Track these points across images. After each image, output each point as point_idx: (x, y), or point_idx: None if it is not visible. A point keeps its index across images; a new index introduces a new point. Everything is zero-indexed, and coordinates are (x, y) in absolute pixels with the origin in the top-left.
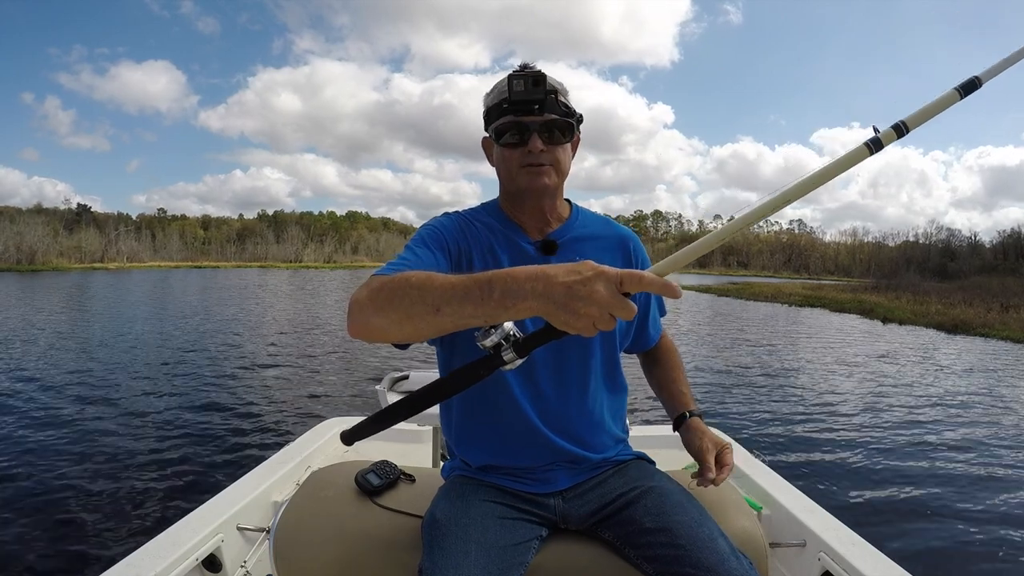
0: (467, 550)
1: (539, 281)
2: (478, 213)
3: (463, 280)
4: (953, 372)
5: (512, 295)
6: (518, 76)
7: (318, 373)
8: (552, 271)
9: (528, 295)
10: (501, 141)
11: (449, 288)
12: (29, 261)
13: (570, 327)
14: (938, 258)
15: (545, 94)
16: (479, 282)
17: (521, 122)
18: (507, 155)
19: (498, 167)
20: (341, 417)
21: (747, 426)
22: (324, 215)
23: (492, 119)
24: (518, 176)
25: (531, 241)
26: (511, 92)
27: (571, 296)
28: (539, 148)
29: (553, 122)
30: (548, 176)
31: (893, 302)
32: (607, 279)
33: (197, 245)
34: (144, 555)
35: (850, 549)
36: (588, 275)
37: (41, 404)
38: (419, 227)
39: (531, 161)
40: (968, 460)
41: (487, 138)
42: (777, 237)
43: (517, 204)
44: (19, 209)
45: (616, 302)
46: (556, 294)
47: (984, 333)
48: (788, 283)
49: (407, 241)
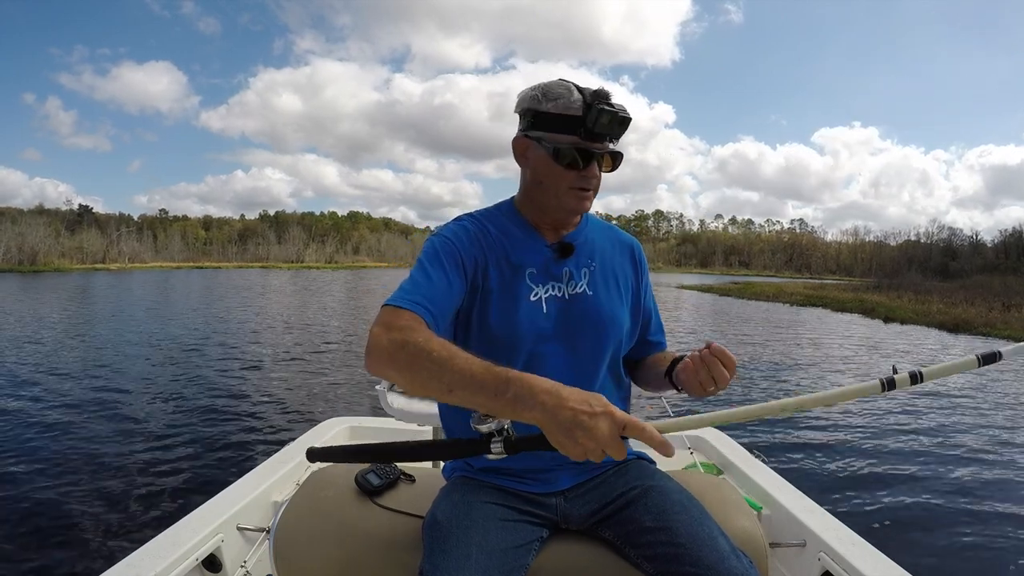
0: (468, 552)
1: (551, 398)
2: (493, 216)
3: (481, 372)
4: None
5: (523, 403)
6: (607, 110)
7: (319, 373)
8: (566, 393)
9: (537, 407)
10: (559, 159)
11: (467, 375)
12: (31, 262)
13: (563, 448)
14: (940, 257)
15: (623, 131)
16: (497, 378)
17: (589, 148)
18: (560, 173)
19: (541, 177)
20: (341, 417)
21: (747, 426)
22: (325, 215)
23: (547, 128)
24: (566, 196)
25: (548, 244)
26: (596, 123)
27: (575, 424)
28: (596, 175)
29: (615, 154)
30: (590, 200)
31: (895, 301)
32: (612, 420)
33: (199, 246)
34: (144, 555)
35: (850, 549)
36: (597, 410)
37: (41, 404)
38: (433, 233)
39: (583, 185)
40: (969, 460)
41: (524, 139)
42: (779, 237)
43: (545, 213)
44: (21, 210)
45: (613, 443)
46: (563, 417)
47: (986, 332)
48: (790, 283)
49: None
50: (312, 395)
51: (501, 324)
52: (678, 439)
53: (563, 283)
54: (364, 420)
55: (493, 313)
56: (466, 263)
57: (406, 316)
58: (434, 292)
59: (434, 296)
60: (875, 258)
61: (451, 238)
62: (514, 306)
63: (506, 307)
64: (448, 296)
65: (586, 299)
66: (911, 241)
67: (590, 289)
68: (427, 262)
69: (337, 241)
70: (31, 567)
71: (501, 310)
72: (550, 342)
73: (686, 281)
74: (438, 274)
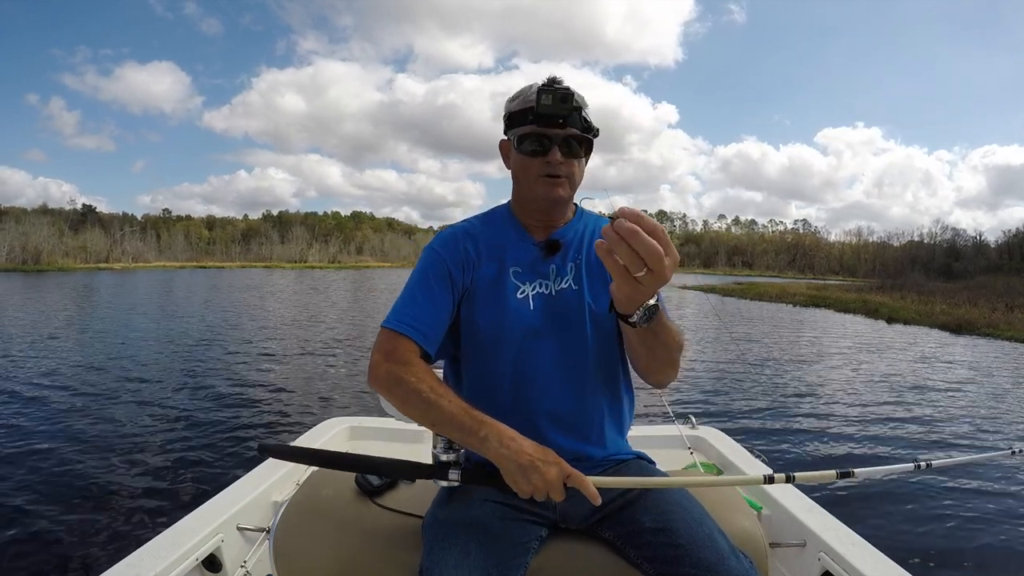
0: (467, 550)
1: (515, 443)
2: (487, 220)
3: (461, 415)
4: (956, 371)
5: (490, 444)
6: (547, 90)
7: (319, 372)
8: (527, 444)
9: (503, 449)
10: (522, 149)
11: (449, 416)
12: (35, 261)
13: (515, 486)
14: (943, 258)
15: (571, 110)
16: (474, 421)
17: (544, 134)
18: (527, 163)
19: (516, 173)
20: (342, 417)
21: (747, 425)
22: (329, 215)
23: (514, 125)
24: (535, 185)
25: (535, 243)
26: (539, 104)
27: (531, 467)
28: (558, 160)
29: (574, 137)
30: (563, 188)
31: (898, 302)
32: (560, 470)
33: (202, 245)
34: (144, 555)
35: (850, 549)
36: (551, 460)
37: (41, 404)
38: (426, 247)
39: (549, 172)
40: (971, 460)
41: (506, 141)
42: (782, 237)
43: (527, 209)
44: (25, 210)
45: (557, 486)
46: (522, 460)
47: (989, 333)
48: (793, 283)
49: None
50: (313, 394)
51: (489, 323)
52: (678, 439)
53: (550, 280)
54: (364, 420)
55: (481, 313)
56: (454, 274)
57: (403, 347)
58: (425, 313)
59: (425, 316)
60: (878, 259)
61: (440, 250)
62: (501, 305)
63: (493, 306)
64: (436, 316)
65: (571, 294)
66: (914, 242)
67: (576, 284)
68: (420, 279)
69: (340, 241)
70: (31, 567)
71: (488, 310)
72: (538, 338)
73: (689, 281)
74: (424, 298)
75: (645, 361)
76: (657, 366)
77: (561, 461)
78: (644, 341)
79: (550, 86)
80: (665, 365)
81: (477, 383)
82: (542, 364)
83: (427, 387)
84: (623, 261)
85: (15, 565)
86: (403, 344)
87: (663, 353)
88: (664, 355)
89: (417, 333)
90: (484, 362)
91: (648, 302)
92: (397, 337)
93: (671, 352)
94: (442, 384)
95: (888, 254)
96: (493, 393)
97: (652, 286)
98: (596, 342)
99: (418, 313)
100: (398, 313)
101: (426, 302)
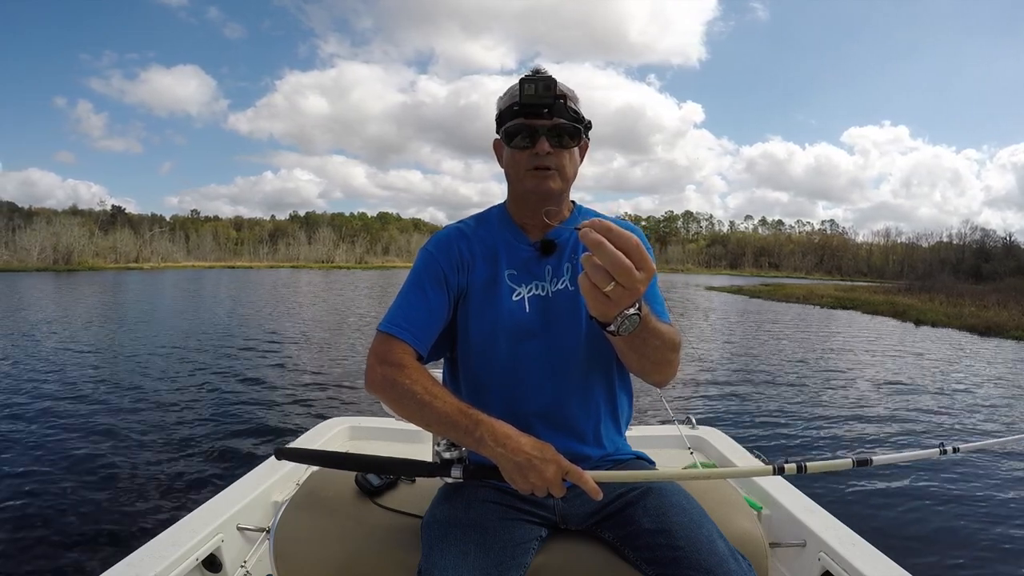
0: (466, 551)
1: (511, 441)
2: (483, 220)
3: (455, 414)
4: (977, 375)
5: (486, 442)
6: (529, 80)
7: (320, 372)
8: (524, 442)
9: (499, 447)
10: (511, 143)
11: (443, 416)
12: (66, 261)
13: (514, 483)
14: (972, 259)
15: (555, 99)
16: (469, 419)
17: (531, 125)
18: (516, 157)
19: (507, 169)
20: (343, 416)
21: (748, 425)
22: (355, 216)
23: (503, 121)
24: (525, 178)
25: (530, 243)
26: (522, 95)
27: (528, 465)
28: (546, 150)
29: (561, 126)
30: (553, 180)
31: (926, 304)
32: (558, 467)
33: (230, 246)
34: (144, 555)
35: (850, 549)
36: (548, 458)
37: (41, 404)
38: (421, 248)
39: (538, 164)
40: (974, 460)
41: (498, 140)
42: (809, 238)
43: (522, 206)
44: (55, 211)
45: (556, 484)
46: (519, 458)
47: (1018, 336)
48: (820, 284)
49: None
50: (314, 394)
51: (482, 325)
52: (678, 439)
53: (546, 281)
54: (364, 420)
55: (475, 315)
56: (448, 275)
57: (397, 350)
58: (418, 315)
59: (418, 318)
60: (907, 260)
61: (434, 252)
62: (496, 307)
63: (488, 309)
64: (430, 317)
65: (566, 295)
66: (943, 242)
67: (572, 284)
68: (413, 282)
69: (367, 242)
70: (31, 567)
71: (482, 312)
72: (532, 340)
73: (715, 283)
74: (418, 300)
75: (637, 363)
76: (650, 367)
77: (560, 457)
78: (632, 346)
79: (532, 76)
80: (659, 365)
81: (472, 384)
82: (535, 365)
83: (421, 388)
84: (588, 273)
85: (15, 565)
86: (397, 346)
87: (654, 355)
88: (656, 356)
89: (410, 335)
90: (478, 363)
91: (627, 311)
92: (391, 340)
93: (663, 353)
94: (437, 385)
95: (917, 255)
96: (487, 394)
97: (623, 300)
98: (591, 342)
99: (411, 315)
100: (392, 316)
101: (419, 304)
